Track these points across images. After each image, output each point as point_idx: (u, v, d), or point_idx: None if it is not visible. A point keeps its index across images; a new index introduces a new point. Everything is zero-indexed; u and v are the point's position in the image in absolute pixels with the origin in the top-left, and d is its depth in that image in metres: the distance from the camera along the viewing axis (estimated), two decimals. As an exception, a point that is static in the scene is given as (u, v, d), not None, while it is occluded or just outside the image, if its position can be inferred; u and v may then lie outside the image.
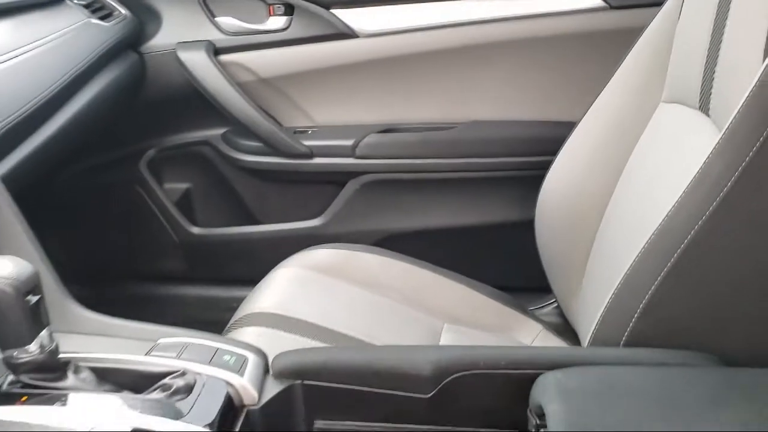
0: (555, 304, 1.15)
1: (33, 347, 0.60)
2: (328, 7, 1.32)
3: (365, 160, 1.36)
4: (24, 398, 0.60)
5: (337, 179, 1.39)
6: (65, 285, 0.75)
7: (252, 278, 1.09)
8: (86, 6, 1.26)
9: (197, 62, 1.33)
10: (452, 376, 0.67)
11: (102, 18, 1.26)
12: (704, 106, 0.80)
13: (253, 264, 1.19)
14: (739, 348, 0.67)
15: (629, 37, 0.98)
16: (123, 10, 1.35)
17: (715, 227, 0.64)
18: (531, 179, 1.09)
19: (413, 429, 0.69)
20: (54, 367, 0.62)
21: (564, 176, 1.04)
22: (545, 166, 1.05)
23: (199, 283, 1.50)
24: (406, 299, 1.05)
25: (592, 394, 0.61)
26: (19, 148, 0.90)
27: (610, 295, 0.73)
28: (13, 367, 0.61)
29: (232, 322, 0.96)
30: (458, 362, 0.68)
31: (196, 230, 1.48)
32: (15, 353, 0.60)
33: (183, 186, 1.50)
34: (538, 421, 0.62)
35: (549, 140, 1.10)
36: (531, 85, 1.30)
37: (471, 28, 1.28)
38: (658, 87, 0.95)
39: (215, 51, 1.36)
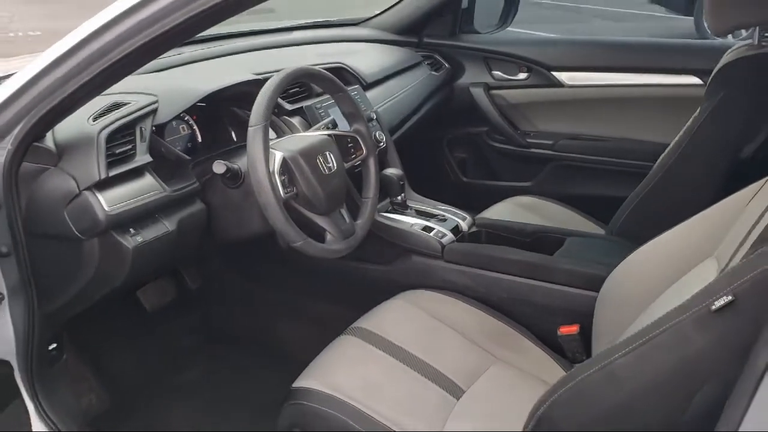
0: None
1: (399, 197, 1.71)
2: (549, 70, 2.28)
3: (559, 153, 2.30)
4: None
5: (542, 161, 2.34)
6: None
7: (488, 206, 2.00)
8: (429, 65, 2.38)
9: (478, 94, 2.39)
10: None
11: (435, 70, 2.39)
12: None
13: (490, 199, 2.02)
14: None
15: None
16: (447, 65, 2.44)
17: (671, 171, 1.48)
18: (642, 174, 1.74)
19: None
20: (404, 206, 1.74)
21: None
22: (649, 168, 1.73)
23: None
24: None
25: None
26: (398, 131, 2.03)
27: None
28: (393, 204, 1.76)
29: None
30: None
31: (465, 179, 2.55)
32: (392, 199, 1.74)
33: (463, 155, 2.56)
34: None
35: (656, 152, 1.71)
36: (651, 121, 2.11)
37: (625, 89, 2.16)
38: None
39: (488, 88, 2.39)
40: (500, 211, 1.96)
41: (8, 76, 1.12)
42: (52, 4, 11.17)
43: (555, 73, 2.29)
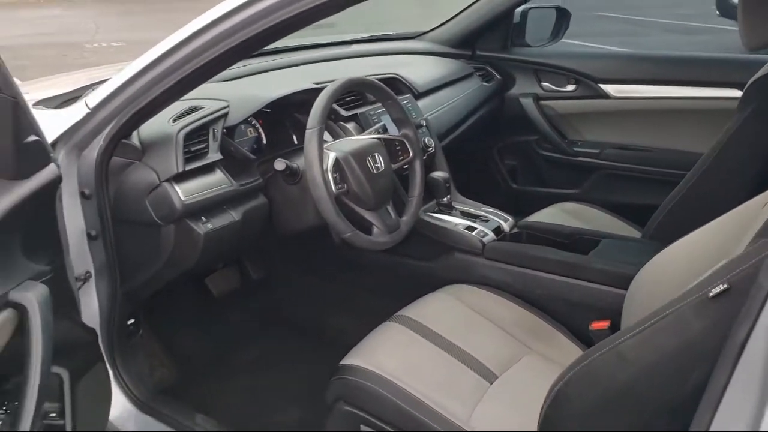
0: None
1: (444, 198, 1.83)
2: (596, 82, 2.35)
3: (605, 162, 2.36)
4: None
5: (589, 170, 2.40)
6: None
7: (534, 212, 2.05)
8: (480, 76, 2.48)
9: (528, 104, 2.48)
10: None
11: (487, 81, 2.49)
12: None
13: (538, 205, 2.02)
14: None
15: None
16: (498, 76, 2.54)
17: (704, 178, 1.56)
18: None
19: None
20: (449, 207, 1.85)
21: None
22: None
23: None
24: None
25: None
26: (448, 137, 2.15)
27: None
28: (439, 205, 1.87)
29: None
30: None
31: (514, 186, 2.63)
32: (438, 200, 1.85)
33: (513, 163, 2.64)
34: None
35: (692, 162, 1.71)
36: (695, 132, 2.13)
37: (670, 101, 2.21)
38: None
39: (538, 99, 2.47)
40: (544, 216, 2.02)
41: (100, 83, 1.30)
42: (134, 17, 11.77)
43: (602, 85, 2.35)
